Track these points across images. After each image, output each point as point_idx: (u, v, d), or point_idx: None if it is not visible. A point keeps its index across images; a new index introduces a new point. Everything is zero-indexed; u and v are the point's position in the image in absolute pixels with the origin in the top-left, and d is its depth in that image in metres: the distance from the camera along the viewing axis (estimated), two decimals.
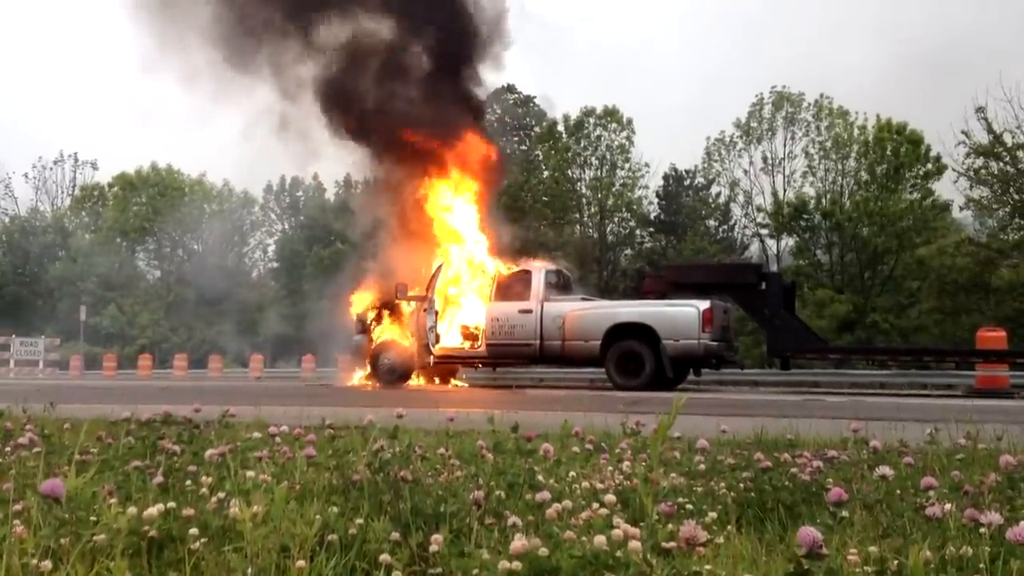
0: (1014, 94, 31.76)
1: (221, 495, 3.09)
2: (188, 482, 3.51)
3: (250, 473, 3.41)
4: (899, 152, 36.74)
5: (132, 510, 2.65)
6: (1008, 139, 31.47)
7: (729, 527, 3.11)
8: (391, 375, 18.89)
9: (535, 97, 49.10)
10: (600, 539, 2.26)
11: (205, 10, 22.19)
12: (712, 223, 45.63)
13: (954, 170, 33.40)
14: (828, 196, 39.08)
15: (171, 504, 2.83)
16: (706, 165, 45.04)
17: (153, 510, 2.68)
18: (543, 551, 2.28)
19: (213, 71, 22.68)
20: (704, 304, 16.56)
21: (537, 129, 46.81)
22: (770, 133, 42.36)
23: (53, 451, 4.20)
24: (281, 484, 3.19)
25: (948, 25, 73.12)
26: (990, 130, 31.28)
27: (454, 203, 21.59)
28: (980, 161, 32.13)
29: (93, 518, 2.68)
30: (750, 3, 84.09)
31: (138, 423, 4.97)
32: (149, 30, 31.95)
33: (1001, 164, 32.01)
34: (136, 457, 4.00)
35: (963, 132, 31.77)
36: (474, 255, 20.82)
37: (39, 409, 6.36)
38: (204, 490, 3.28)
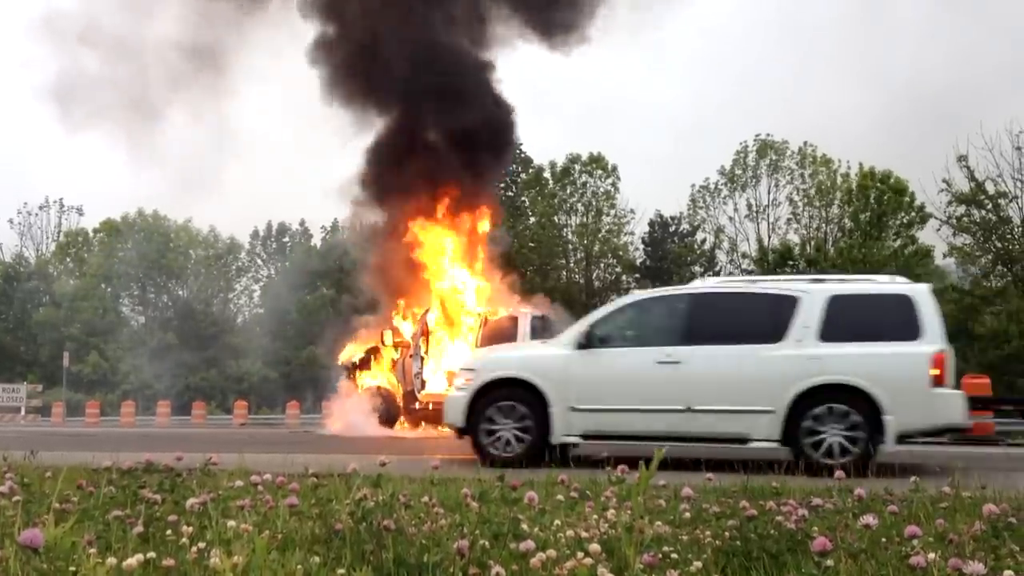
0: (995, 142, 32.04)
1: (202, 545, 3.07)
2: (169, 532, 3.48)
3: (231, 522, 3.38)
4: (882, 200, 37.12)
5: (112, 560, 2.63)
6: (990, 187, 31.83)
7: None
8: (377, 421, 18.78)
9: (521, 144, 49.51)
10: None
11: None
12: (697, 269, 45.81)
13: (936, 218, 33.74)
14: (812, 243, 39.37)
15: (151, 554, 2.81)
16: (691, 212, 45.42)
17: (133, 560, 2.65)
18: None
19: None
20: None
21: (523, 175, 47.05)
22: (754, 180, 42.77)
23: (33, 500, 4.16)
24: (263, 533, 3.17)
25: (931, 75, 74.15)
26: (972, 178, 31.64)
27: (443, 250, 21.69)
28: (962, 209, 32.44)
29: (72, 568, 2.65)
30: (734, 52, 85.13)
31: (119, 471, 4.92)
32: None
33: (983, 212, 32.32)
34: (117, 506, 3.96)
35: (944, 181, 32.14)
36: (461, 300, 20.84)
37: (20, 457, 6.30)
38: (185, 540, 3.25)
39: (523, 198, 46.82)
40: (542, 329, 18.87)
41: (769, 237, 42.21)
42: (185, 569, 2.82)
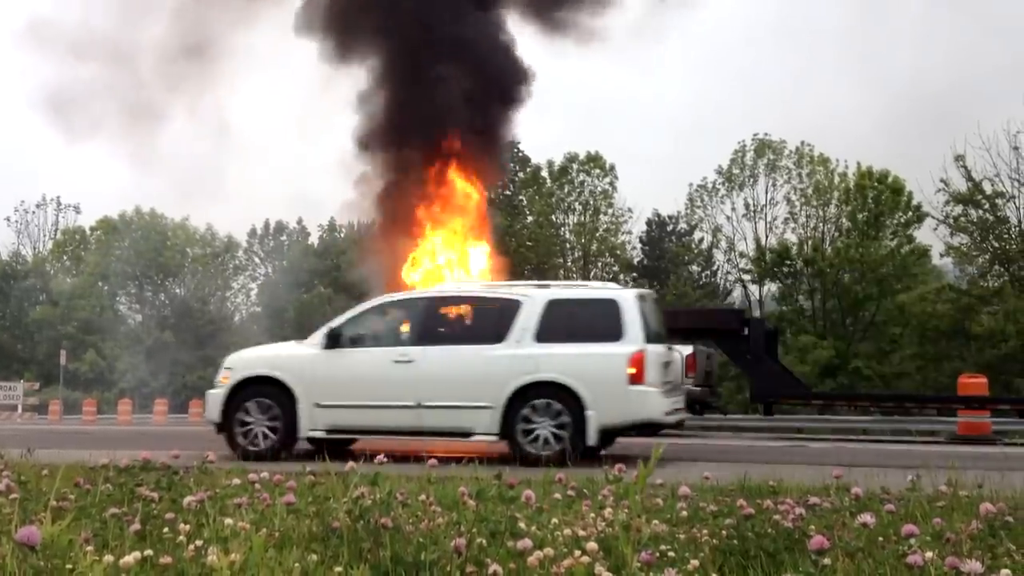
0: (992, 143, 32.12)
1: (199, 543, 3.06)
2: (166, 530, 3.47)
3: (229, 520, 3.38)
4: (880, 200, 37.14)
5: (108, 558, 2.62)
6: (987, 187, 31.87)
7: (712, 575, 3.10)
8: None
9: (519, 142, 49.51)
10: None
11: None
12: (695, 269, 45.82)
13: (934, 218, 33.78)
14: (810, 243, 39.37)
15: (148, 552, 2.80)
16: (689, 211, 45.39)
17: (130, 558, 2.65)
18: None
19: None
20: (687, 350, 16.53)
21: (521, 174, 47.04)
22: (752, 180, 42.75)
23: (30, 498, 4.15)
24: (260, 531, 3.16)
25: (930, 75, 74.20)
26: (969, 178, 31.69)
27: (444, 247, 21.64)
28: (959, 209, 32.48)
29: (69, 566, 2.65)
30: (733, 51, 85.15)
31: (116, 469, 4.92)
32: None
33: (980, 212, 32.36)
34: (114, 504, 3.96)
35: (942, 180, 32.19)
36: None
37: (17, 455, 6.29)
38: (182, 538, 3.24)
39: (521, 197, 46.80)
40: None
41: (767, 236, 42.25)
42: (182, 567, 2.82)
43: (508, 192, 47.53)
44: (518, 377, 9.70)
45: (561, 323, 10.06)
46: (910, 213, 36.97)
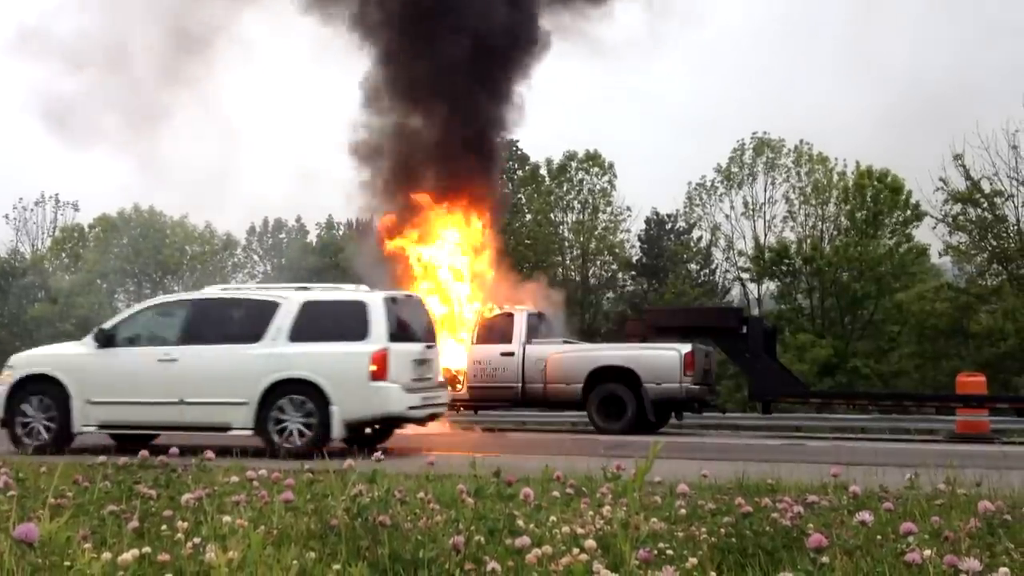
0: (991, 141, 32.04)
1: (197, 540, 3.06)
2: (164, 527, 3.47)
3: (227, 518, 3.38)
4: (879, 198, 37.13)
5: (107, 555, 2.62)
6: (986, 186, 31.86)
7: (711, 573, 3.10)
8: None
9: (518, 140, 49.47)
10: None
11: None
12: (694, 267, 45.76)
13: (932, 216, 33.78)
14: (808, 241, 39.34)
15: (146, 549, 2.80)
16: (688, 210, 45.31)
17: (128, 555, 2.65)
18: None
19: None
20: (686, 348, 16.55)
21: (520, 172, 46.99)
22: (751, 178, 42.70)
23: (28, 495, 4.16)
24: (258, 529, 3.16)
25: (929, 74, 74.13)
26: (968, 177, 31.67)
27: (440, 246, 21.62)
28: (958, 207, 32.48)
29: (67, 563, 2.65)
30: (732, 50, 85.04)
31: (114, 467, 4.92)
32: None
33: (979, 211, 32.36)
34: (112, 501, 3.95)
35: (941, 179, 32.18)
36: (456, 297, 20.79)
37: (15, 451, 6.29)
38: (180, 535, 3.24)
39: (519, 195, 46.75)
40: (539, 326, 18.86)
41: (765, 235, 42.21)
42: (180, 564, 2.82)
43: (507, 190, 47.51)
44: (271, 374, 10.30)
45: (314, 323, 10.71)
46: (909, 212, 36.94)
